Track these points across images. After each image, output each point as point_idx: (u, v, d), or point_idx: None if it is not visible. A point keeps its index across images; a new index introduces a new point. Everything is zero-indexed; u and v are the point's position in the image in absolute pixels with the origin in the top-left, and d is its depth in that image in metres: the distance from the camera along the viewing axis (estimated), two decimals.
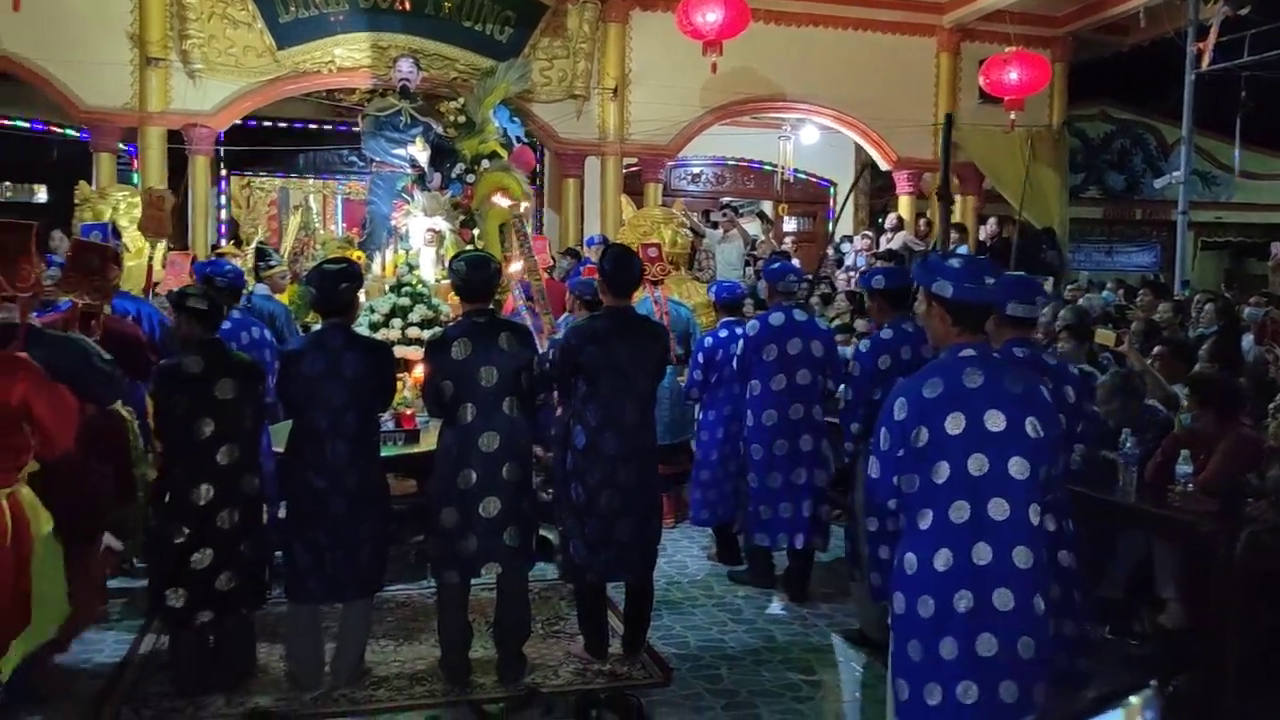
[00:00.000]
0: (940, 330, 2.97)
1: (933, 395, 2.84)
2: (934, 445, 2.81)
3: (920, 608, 2.82)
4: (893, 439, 2.90)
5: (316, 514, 4.08)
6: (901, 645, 2.88)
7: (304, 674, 4.15)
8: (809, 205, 15.03)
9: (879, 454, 2.95)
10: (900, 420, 2.88)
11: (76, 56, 9.76)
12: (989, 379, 2.84)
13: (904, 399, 2.91)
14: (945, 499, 2.80)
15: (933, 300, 2.95)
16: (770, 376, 5.40)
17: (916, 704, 2.82)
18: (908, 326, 4.72)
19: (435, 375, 4.21)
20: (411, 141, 9.09)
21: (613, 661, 4.51)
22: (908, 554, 2.88)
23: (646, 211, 10.07)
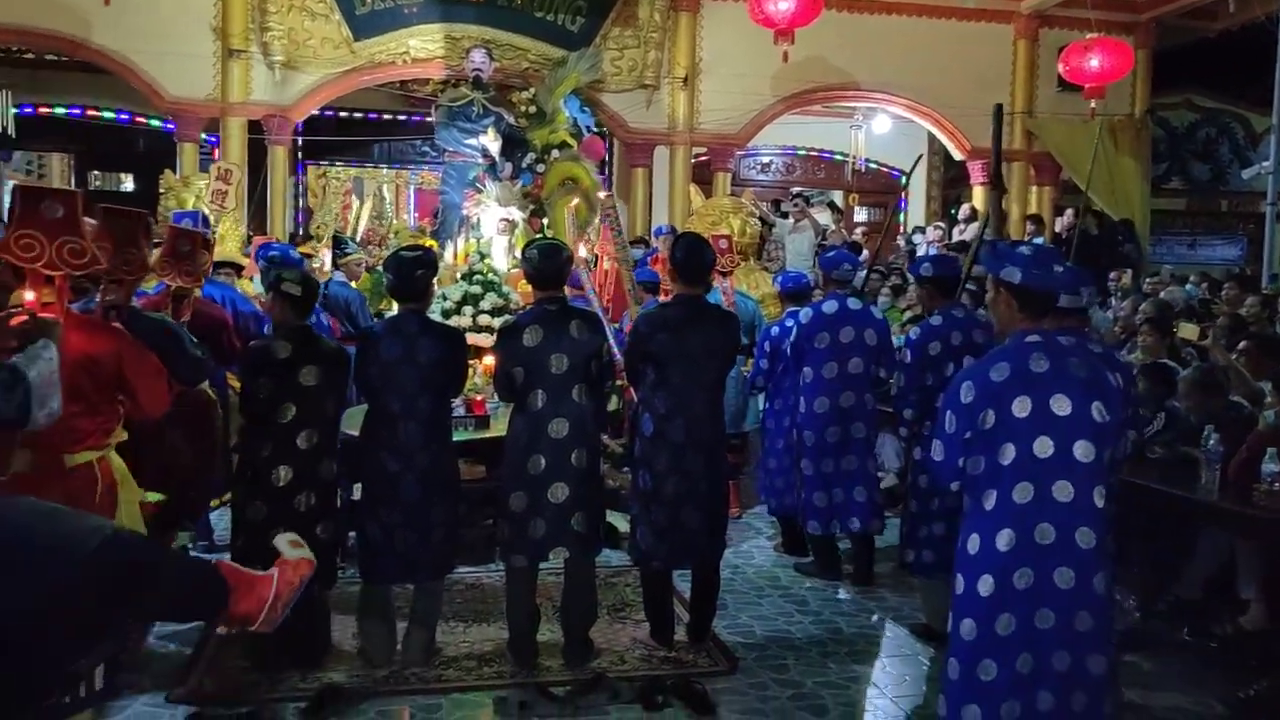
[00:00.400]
0: (1006, 315, 3.04)
1: (1000, 379, 2.91)
2: (1001, 428, 2.89)
3: (980, 586, 2.90)
4: (959, 422, 2.96)
5: (390, 496, 4.17)
6: (956, 626, 2.96)
7: (376, 652, 4.25)
8: (880, 195, 14.84)
9: (943, 436, 3.01)
10: (967, 403, 2.94)
11: (162, 49, 10.06)
12: (1055, 364, 2.91)
13: (970, 382, 2.96)
14: (1010, 480, 2.88)
15: (1000, 286, 3.02)
16: (822, 364, 5.41)
17: (968, 681, 2.90)
18: (957, 313, 4.78)
19: (506, 362, 4.27)
20: (483, 131, 9.20)
21: (678, 649, 4.53)
22: (971, 535, 2.95)
23: (715, 201, 10.03)
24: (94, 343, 3.39)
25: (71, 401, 3.04)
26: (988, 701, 2.88)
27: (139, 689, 3.92)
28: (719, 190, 11.39)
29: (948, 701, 2.99)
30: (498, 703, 3.94)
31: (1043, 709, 2.87)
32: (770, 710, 3.99)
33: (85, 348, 3.29)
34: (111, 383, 3.45)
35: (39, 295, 3.12)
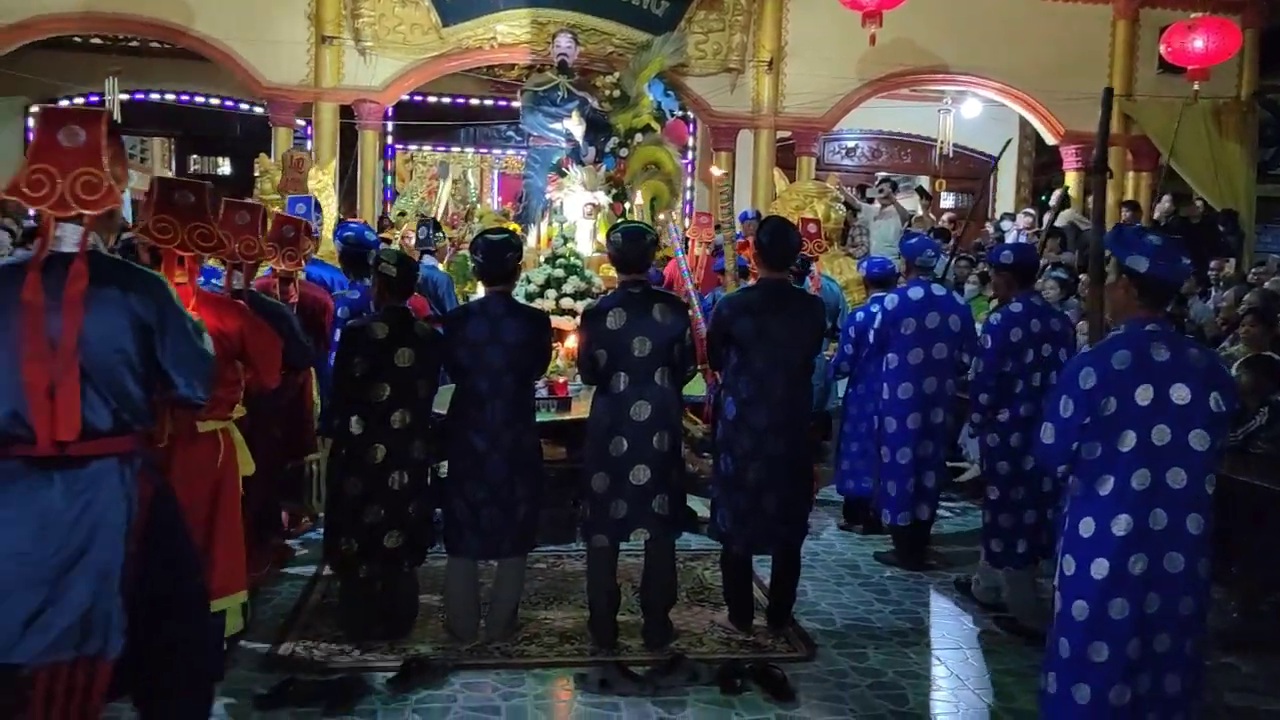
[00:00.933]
0: (1124, 303, 3.05)
1: (1122, 367, 2.94)
2: (1121, 414, 2.92)
3: (1094, 569, 2.95)
4: (1076, 407, 2.97)
5: (476, 474, 4.25)
6: (1067, 605, 2.99)
7: (460, 626, 4.34)
8: (968, 181, 14.53)
9: (1057, 421, 3.02)
10: (1087, 389, 2.96)
11: (258, 36, 10.34)
12: (1174, 353, 2.95)
13: (1091, 369, 2.97)
14: (1129, 467, 2.92)
15: (1123, 273, 3.02)
16: (907, 350, 5.41)
17: (1079, 661, 2.95)
18: (1036, 300, 4.80)
19: (590, 344, 4.30)
20: (568, 116, 9.25)
21: (757, 634, 4.54)
22: (1084, 518, 2.99)
23: (799, 185, 9.95)
24: (222, 319, 3.60)
25: None
26: (1098, 682, 2.93)
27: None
28: (803, 175, 11.28)
29: (1057, 679, 3.01)
30: (578, 679, 4.00)
31: (1141, 692, 2.94)
32: (849, 698, 3.97)
33: (214, 324, 3.45)
34: (236, 356, 3.67)
35: (172, 275, 3.30)
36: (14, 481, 2.57)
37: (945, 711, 3.91)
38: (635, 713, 3.77)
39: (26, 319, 2.54)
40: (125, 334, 2.62)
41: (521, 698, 3.87)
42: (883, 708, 3.90)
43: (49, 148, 2.62)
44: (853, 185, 12.61)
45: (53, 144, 2.62)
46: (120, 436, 2.65)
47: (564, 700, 3.91)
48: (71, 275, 2.56)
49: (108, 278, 2.62)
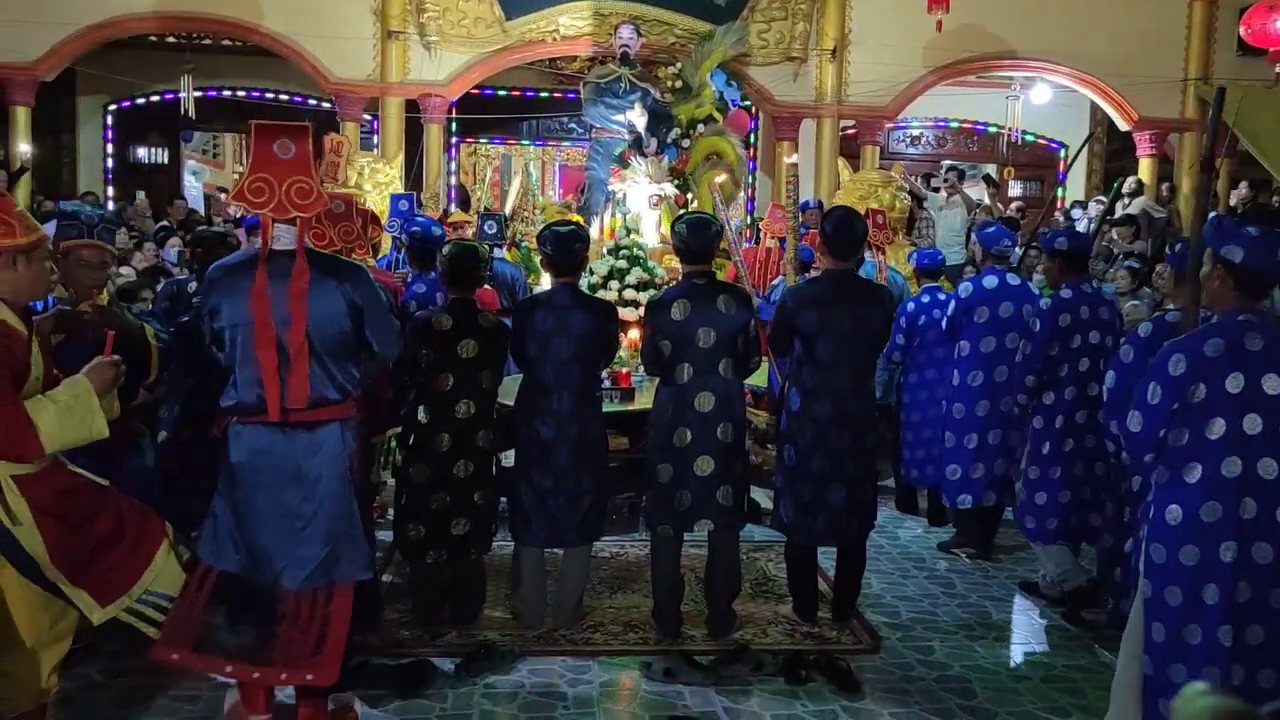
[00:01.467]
0: (1218, 292, 3.04)
1: (1214, 354, 2.94)
2: (1211, 402, 2.93)
3: (1183, 556, 2.97)
4: (1164, 393, 2.99)
5: (542, 463, 4.30)
6: (1158, 590, 3.03)
7: (527, 613, 4.40)
8: (1037, 169, 14.27)
9: (1144, 407, 3.04)
10: (1176, 376, 2.97)
11: (326, 32, 10.52)
12: (1269, 343, 2.94)
13: (1181, 355, 2.98)
14: (1217, 454, 2.93)
15: (1219, 263, 3.02)
16: (980, 338, 5.43)
17: (1174, 644, 2.99)
18: (1086, 288, 4.84)
19: (654, 335, 4.32)
20: (630, 107, 9.28)
21: (821, 625, 4.53)
22: (1171, 505, 3.00)
23: (864, 175, 9.85)
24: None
25: None
26: (1193, 664, 2.97)
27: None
28: (867, 164, 11.16)
29: (1153, 661, 3.05)
30: (643, 667, 4.03)
31: (1235, 682, 2.94)
32: (915, 691, 3.95)
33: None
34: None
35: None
36: (265, 442, 3.12)
37: (1013, 706, 3.86)
38: (700, 701, 3.80)
39: (259, 309, 3.04)
40: (343, 316, 3.15)
41: (587, 684, 3.92)
42: (949, 701, 3.88)
43: (266, 159, 3.05)
44: (917, 174, 12.44)
45: (269, 156, 3.05)
46: (341, 404, 3.20)
47: (629, 688, 3.94)
48: (295, 271, 3.05)
49: (323, 269, 3.12)
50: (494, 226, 6.72)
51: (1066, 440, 4.71)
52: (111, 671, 3.81)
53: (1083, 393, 4.68)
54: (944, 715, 3.77)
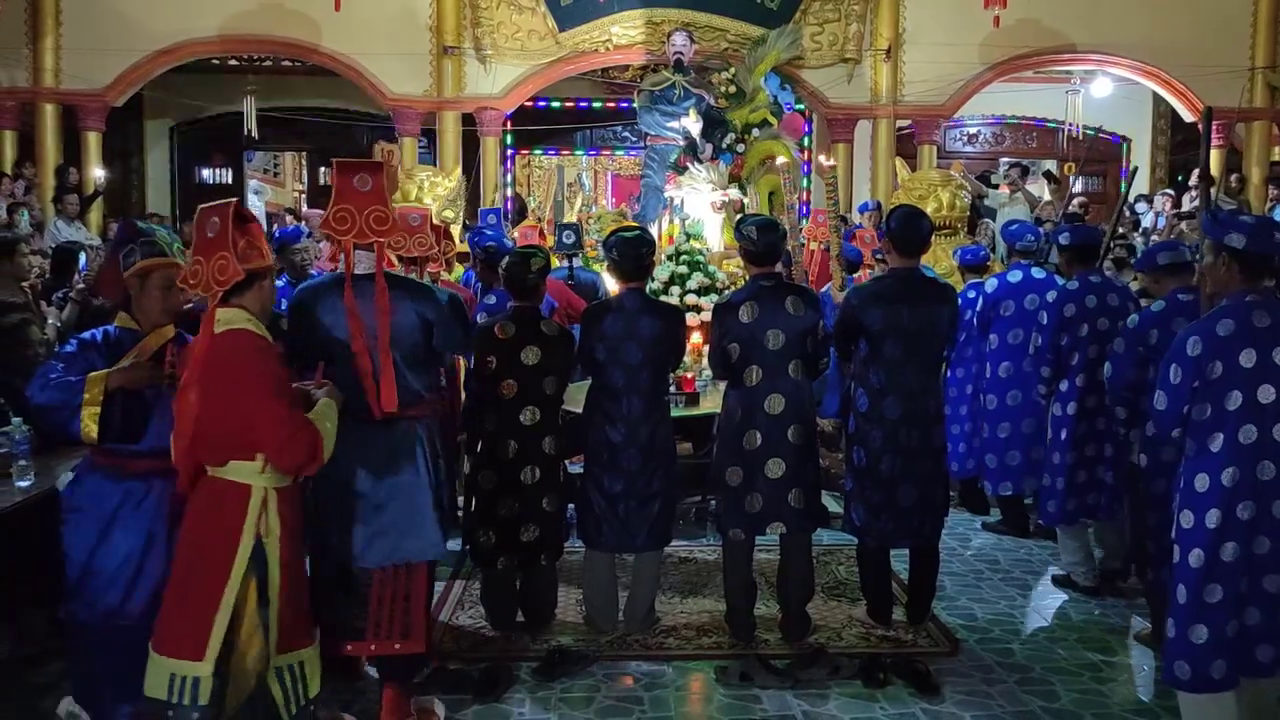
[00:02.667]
0: (1225, 278, 3.29)
1: (1226, 334, 3.19)
2: (1227, 377, 3.18)
3: (1208, 519, 3.18)
4: (1184, 374, 3.23)
5: (613, 467, 4.31)
6: (1185, 556, 3.23)
7: (599, 618, 4.41)
8: (1099, 164, 13.99)
9: (1167, 387, 3.27)
10: (1195, 356, 3.21)
11: (383, 49, 10.71)
12: (1276, 319, 3.19)
13: (1197, 338, 3.22)
14: (1235, 423, 3.17)
15: (1222, 251, 3.26)
16: (1007, 331, 5.73)
17: (1196, 605, 3.18)
18: (1094, 278, 4.98)
19: (723, 338, 4.31)
20: (684, 114, 9.28)
21: (897, 628, 4.48)
22: (1199, 474, 3.22)
23: (923, 174, 9.73)
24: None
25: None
26: (1214, 622, 3.16)
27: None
28: (924, 164, 11.05)
29: (1176, 623, 3.21)
30: (719, 671, 4.01)
31: (1250, 623, 3.18)
32: (996, 694, 3.88)
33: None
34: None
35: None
36: (359, 438, 3.35)
37: (1099, 709, 3.78)
38: (777, 705, 3.77)
39: (353, 325, 3.33)
40: (418, 329, 3.47)
41: (663, 689, 3.91)
42: (1032, 703, 3.80)
43: (347, 192, 3.37)
44: (975, 173, 12.28)
45: (349, 188, 3.37)
46: (421, 404, 3.51)
47: (705, 691, 3.93)
48: (378, 290, 3.34)
49: (398, 289, 3.43)
50: (571, 236, 6.83)
51: (1080, 424, 4.90)
52: None
53: (1092, 378, 4.82)
54: (1027, 718, 3.70)
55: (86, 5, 10.50)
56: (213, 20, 10.64)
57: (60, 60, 10.55)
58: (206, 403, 2.73)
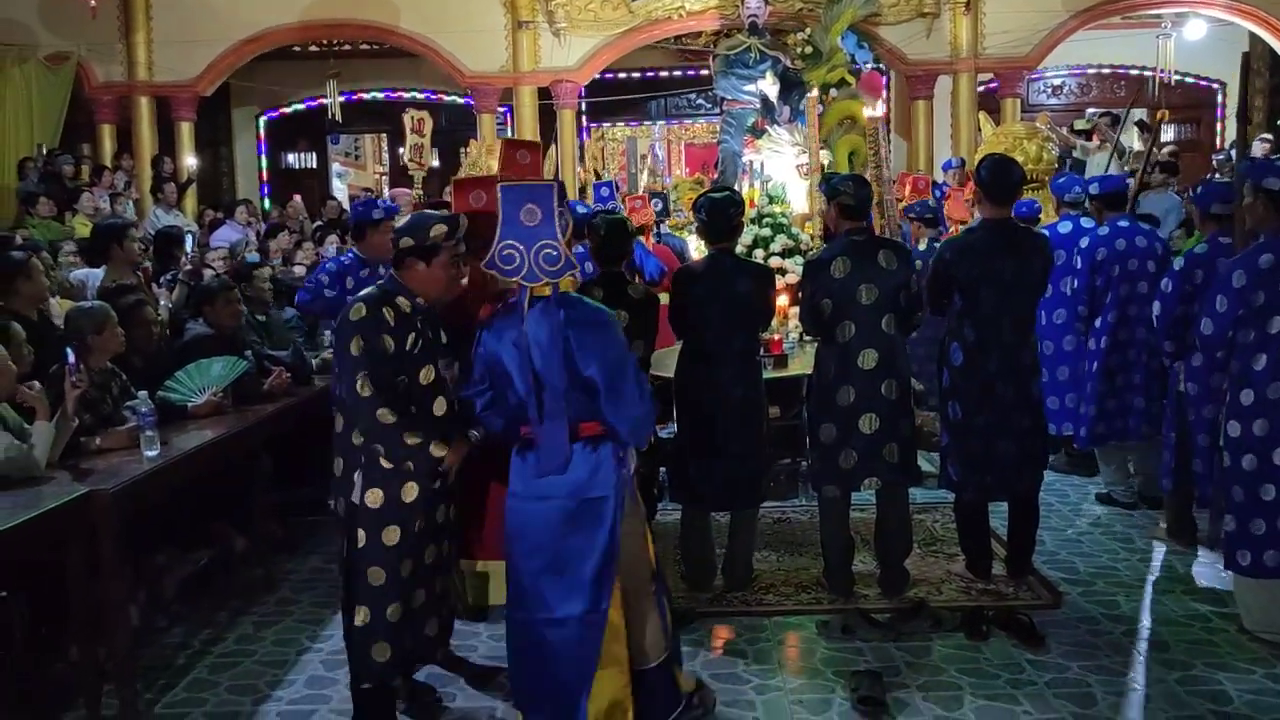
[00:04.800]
0: (1264, 216, 3.80)
1: (1267, 266, 3.73)
2: (1270, 303, 3.72)
3: (1256, 429, 3.76)
4: (1229, 303, 3.78)
5: (707, 427, 4.34)
6: (1236, 460, 3.80)
7: (698, 576, 4.47)
8: (1191, 111, 13.49)
9: (1214, 315, 3.83)
10: (1239, 288, 3.76)
11: (459, 27, 10.84)
12: None
13: (1241, 271, 3.77)
14: (1277, 343, 3.72)
15: (1260, 193, 3.78)
16: (1060, 279, 5.64)
17: (1252, 502, 3.76)
18: (1122, 223, 5.44)
19: (815, 294, 4.30)
20: (761, 76, 9.21)
21: (997, 582, 4.45)
22: (1244, 390, 3.79)
23: (1007, 128, 9.50)
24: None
25: None
26: (1270, 517, 3.72)
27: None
28: (1007, 118, 10.79)
29: (1236, 520, 3.81)
30: (820, 625, 4.05)
31: None
32: (1103, 645, 3.85)
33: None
34: None
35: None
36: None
37: (1210, 658, 3.72)
38: (879, 657, 3.79)
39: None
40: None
41: (766, 642, 3.96)
42: (1142, 654, 3.76)
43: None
44: (1063, 125, 11.95)
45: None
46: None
47: (808, 645, 3.97)
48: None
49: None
50: (660, 204, 6.96)
51: (1110, 356, 5.38)
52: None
53: (1124, 314, 5.34)
54: (1137, 667, 3.66)
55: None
56: (294, 7, 10.89)
57: (152, 53, 10.91)
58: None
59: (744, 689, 3.61)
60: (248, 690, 3.69)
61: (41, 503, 3.17)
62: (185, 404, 4.29)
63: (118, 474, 3.48)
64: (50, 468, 3.48)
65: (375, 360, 3.08)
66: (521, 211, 3.02)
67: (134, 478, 3.48)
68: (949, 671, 3.67)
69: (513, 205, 3.03)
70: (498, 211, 3.05)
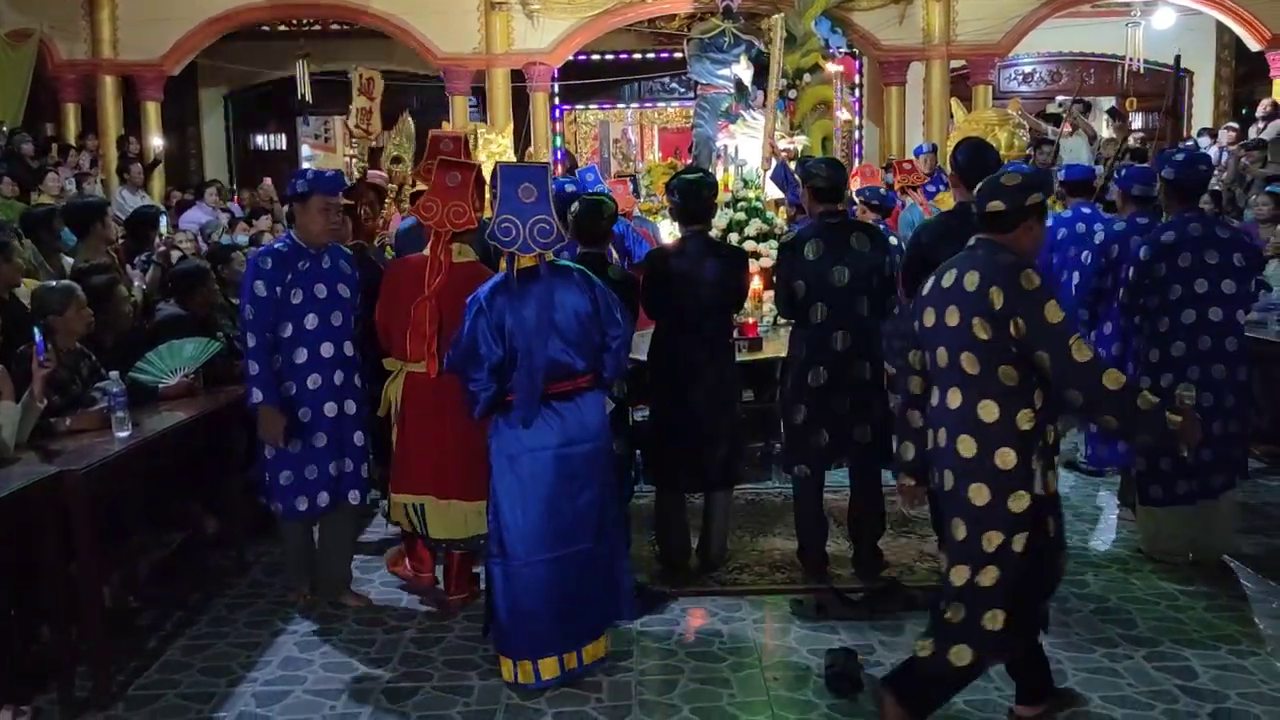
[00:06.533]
0: (1167, 202, 4.38)
1: (1169, 242, 4.29)
2: (1169, 275, 4.24)
3: (1163, 381, 4.14)
4: (1137, 273, 4.30)
5: (680, 409, 4.36)
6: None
7: (673, 557, 4.49)
8: (1160, 99, 13.58)
9: (1126, 284, 4.38)
10: (1145, 260, 4.29)
11: (431, 9, 10.73)
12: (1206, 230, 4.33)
13: (1146, 245, 4.24)
14: (1176, 307, 4.25)
15: (1161, 181, 4.36)
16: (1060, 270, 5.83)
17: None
18: (1085, 209, 5.78)
19: (789, 276, 4.32)
20: (735, 61, 9.24)
21: None
22: (1152, 349, 4.34)
23: (979, 114, 9.62)
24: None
25: None
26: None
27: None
28: (979, 104, 10.87)
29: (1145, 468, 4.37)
30: (795, 605, 4.08)
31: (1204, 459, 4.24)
32: (1073, 623, 3.90)
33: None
34: None
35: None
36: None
37: (1178, 635, 3.79)
38: (854, 636, 3.83)
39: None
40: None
41: (740, 622, 3.99)
42: (1110, 631, 3.83)
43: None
44: (1034, 112, 12.04)
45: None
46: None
47: (783, 624, 4.00)
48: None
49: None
50: (631, 186, 6.97)
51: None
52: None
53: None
54: (1106, 644, 3.72)
55: None
56: None
57: (117, 31, 10.72)
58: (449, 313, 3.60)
59: (719, 667, 3.64)
60: (221, 672, 3.67)
61: (9, 483, 3.13)
62: (156, 385, 4.25)
63: (88, 455, 3.45)
64: (18, 449, 3.44)
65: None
66: (519, 189, 3.36)
67: (105, 459, 3.44)
68: None
69: (510, 184, 3.37)
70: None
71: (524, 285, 3.40)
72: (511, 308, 3.38)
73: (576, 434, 3.45)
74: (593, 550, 3.51)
